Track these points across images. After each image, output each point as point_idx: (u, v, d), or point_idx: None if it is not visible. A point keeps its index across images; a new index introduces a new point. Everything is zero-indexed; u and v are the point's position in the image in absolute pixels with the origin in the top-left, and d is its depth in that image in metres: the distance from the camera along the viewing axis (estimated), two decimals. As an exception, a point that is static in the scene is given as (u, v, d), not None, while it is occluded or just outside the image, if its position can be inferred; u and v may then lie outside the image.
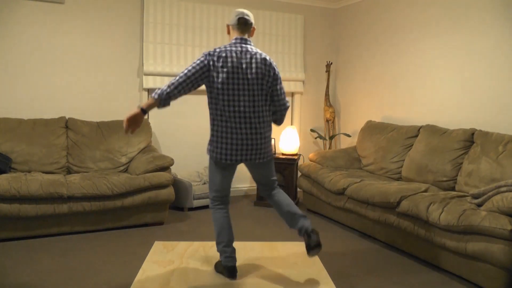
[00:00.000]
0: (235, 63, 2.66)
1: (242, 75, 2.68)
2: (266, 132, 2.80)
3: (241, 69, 2.67)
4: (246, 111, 2.70)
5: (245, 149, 2.74)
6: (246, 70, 2.68)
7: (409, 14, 4.63)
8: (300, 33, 5.55)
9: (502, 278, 2.69)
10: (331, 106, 5.61)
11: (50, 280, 2.86)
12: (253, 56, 2.71)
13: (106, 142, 4.35)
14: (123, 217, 3.90)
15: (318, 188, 4.39)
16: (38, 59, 4.37)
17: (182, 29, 4.90)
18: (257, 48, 2.79)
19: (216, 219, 2.91)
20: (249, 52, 2.71)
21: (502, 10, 3.66)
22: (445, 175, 3.71)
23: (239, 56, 2.68)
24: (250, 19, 2.77)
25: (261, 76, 2.71)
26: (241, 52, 2.70)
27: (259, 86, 2.72)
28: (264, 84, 2.73)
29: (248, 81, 2.69)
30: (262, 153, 2.80)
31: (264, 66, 2.72)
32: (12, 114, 4.26)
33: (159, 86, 4.79)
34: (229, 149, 2.72)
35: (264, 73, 2.72)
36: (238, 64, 2.67)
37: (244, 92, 2.69)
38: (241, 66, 2.67)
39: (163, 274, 2.98)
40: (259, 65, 2.70)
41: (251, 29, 2.81)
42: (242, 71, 2.67)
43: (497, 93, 3.71)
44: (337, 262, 3.27)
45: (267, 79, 2.73)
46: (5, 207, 3.42)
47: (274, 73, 2.76)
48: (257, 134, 2.75)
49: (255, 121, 2.73)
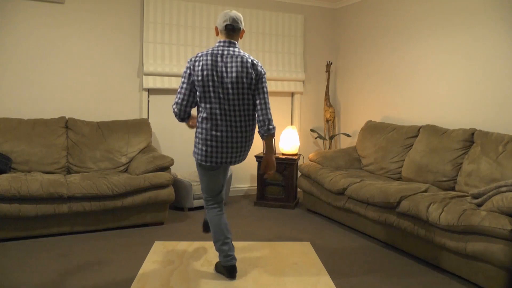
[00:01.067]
0: (213, 66, 2.65)
1: (219, 78, 2.66)
2: (246, 135, 2.77)
3: (219, 72, 2.66)
4: (222, 113, 2.69)
5: (225, 151, 2.75)
6: (223, 74, 2.66)
7: (409, 14, 4.63)
8: (300, 33, 5.55)
9: (502, 278, 2.69)
10: (331, 106, 5.61)
11: (50, 280, 2.86)
12: (234, 60, 2.67)
13: (106, 142, 4.35)
14: (123, 217, 3.90)
15: (318, 188, 4.39)
16: (38, 59, 4.37)
17: (182, 29, 4.91)
18: (243, 52, 2.76)
19: (210, 219, 2.93)
20: (231, 55, 2.68)
21: (502, 10, 3.66)
22: (445, 175, 3.71)
23: (219, 59, 2.67)
24: (238, 25, 2.72)
25: (241, 80, 2.67)
26: (221, 56, 2.68)
27: (238, 90, 2.68)
28: (244, 88, 2.68)
29: (225, 84, 2.67)
30: (240, 155, 2.82)
31: (246, 69, 2.67)
32: (12, 114, 4.26)
33: (159, 86, 4.79)
34: (208, 152, 2.73)
35: (244, 76, 2.67)
36: (216, 67, 2.66)
37: (222, 96, 2.67)
38: (219, 70, 2.66)
39: (163, 274, 2.98)
40: (239, 69, 2.66)
41: (240, 33, 2.78)
42: (219, 74, 2.66)
43: (497, 93, 3.71)
44: (337, 262, 3.27)
45: (249, 81, 2.68)
46: (5, 207, 3.42)
47: (257, 77, 2.70)
48: (236, 138, 2.74)
49: (233, 124, 2.72)
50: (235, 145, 2.75)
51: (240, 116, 2.73)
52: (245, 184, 5.44)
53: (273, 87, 5.38)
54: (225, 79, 2.66)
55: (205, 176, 2.87)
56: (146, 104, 4.86)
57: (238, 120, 2.73)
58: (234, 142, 2.75)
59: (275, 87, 5.40)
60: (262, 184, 4.88)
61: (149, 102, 4.89)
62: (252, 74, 2.69)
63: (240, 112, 2.72)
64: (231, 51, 2.70)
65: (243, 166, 5.29)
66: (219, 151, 2.74)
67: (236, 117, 2.72)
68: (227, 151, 2.75)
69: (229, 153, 2.76)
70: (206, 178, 2.88)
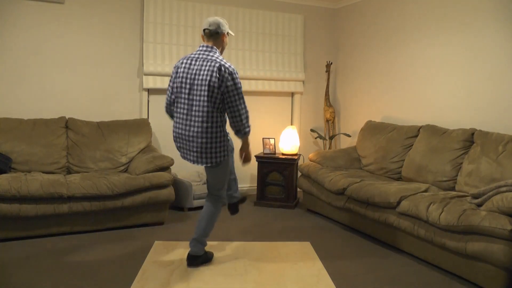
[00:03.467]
0: (187, 69, 2.87)
1: (190, 80, 2.84)
2: (206, 137, 2.84)
3: (191, 75, 2.85)
4: (189, 114, 2.86)
5: (188, 150, 2.92)
6: (193, 77, 2.83)
7: (409, 14, 4.63)
8: (300, 33, 5.55)
9: (502, 278, 2.69)
10: (331, 106, 5.61)
11: (50, 280, 2.86)
12: (204, 63, 2.82)
13: (106, 142, 4.35)
14: (123, 217, 3.90)
15: (318, 188, 4.39)
16: (38, 59, 4.37)
17: (182, 29, 4.91)
18: (218, 56, 2.85)
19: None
20: (203, 59, 2.84)
21: (502, 10, 3.66)
22: (445, 175, 3.71)
23: (193, 63, 2.86)
24: (214, 29, 2.89)
25: (208, 83, 2.77)
26: (196, 60, 2.86)
27: (204, 93, 2.79)
28: (211, 91, 2.78)
29: (194, 86, 2.83)
30: (202, 157, 2.89)
31: (212, 73, 2.77)
32: (12, 114, 4.26)
33: (159, 86, 4.79)
34: (180, 149, 3.00)
35: (210, 80, 2.77)
36: (189, 70, 2.86)
37: (189, 97, 2.85)
38: (190, 72, 2.85)
39: (163, 274, 2.98)
40: (208, 72, 2.77)
41: (220, 37, 2.94)
42: (190, 77, 2.84)
43: (497, 93, 3.71)
44: (337, 262, 3.27)
45: (217, 86, 2.77)
46: (5, 207, 3.42)
47: (223, 83, 2.77)
48: (197, 138, 2.84)
49: (195, 125, 2.83)
50: (194, 145, 2.87)
51: (203, 117, 2.81)
52: (245, 184, 5.44)
53: (273, 87, 5.38)
54: (195, 81, 2.83)
55: None
56: (146, 104, 4.86)
57: (200, 121, 2.82)
58: (194, 142, 2.86)
59: (275, 87, 5.40)
60: (262, 184, 4.88)
61: (149, 102, 4.89)
62: (217, 79, 2.77)
63: (203, 114, 2.81)
64: (205, 55, 2.86)
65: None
66: (182, 147, 2.97)
67: (198, 119, 2.82)
68: (188, 150, 2.92)
69: (190, 151, 2.92)
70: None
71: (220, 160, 2.93)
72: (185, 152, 2.98)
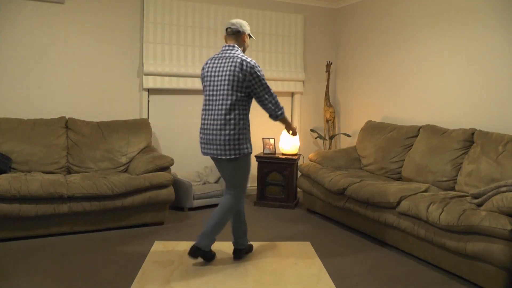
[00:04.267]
0: (210, 67, 3.04)
1: (213, 77, 3.01)
2: (230, 129, 2.94)
3: (214, 72, 3.01)
4: (213, 108, 3.00)
5: (212, 144, 3.00)
6: (217, 73, 3.00)
7: (409, 14, 4.63)
8: (300, 33, 5.55)
9: (502, 278, 2.69)
10: (331, 106, 5.61)
11: (50, 280, 2.86)
12: (227, 61, 2.99)
13: (106, 142, 4.35)
14: (123, 217, 3.90)
15: (318, 188, 4.39)
16: (38, 59, 4.37)
17: (182, 29, 4.91)
18: (240, 54, 3.02)
19: None
20: (225, 57, 3.01)
21: (502, 11, 3.66)
22: (445, 175, 3.71)
23: (217, 62, 3.03)
24: (236, 28, 3.07)
25: (230, 78, 2.93)
26: (219, 59, 3.03)
27: (228, 86, 2.94)
28: (234, 85, 2.93)
29: (217, 82, 2.98)
30: (224, 149, 2.96)
31: (239, 69, 2.92)
32: (12, 114, 4.26)
33: (159, 86, 4.80)
34: (203, 145, 3.08)
35: (234, 75, 2.93)
36: (213, 68, 3.02)
37: (214, 92, 3.00)
38: (215, 69, 3.01)
39: (163, 274, 2.98)
40: (231, 68, 2.94)
41: (242, 36, 3.11)
42: (214, 74, 3.01)
43: (497, 93, 3.71)
44: (337, 262, 3.27)
45: (241, 80, 2.93)
46: (5, 207, 3.42)
47: (250, 77, 2.94)
48: (220, 131, 2.94)
49: (220, 118, 2.95)
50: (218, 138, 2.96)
51: (225, 110, 2.94)
52: (245, 184, 5.44)
53: (273, 87, 5.38)
54: (218, 77, 2.99)
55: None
56: (146, 104, 4.86)
57: (223, 114, 2.94)
58: (218, 134, 2.96)
59: (275, 87, 5.40)
60: (262, 184, 4.88)
61: (149, 102, 4.89)
62: (240, 74, 2.93)
63: (225, 107, 2.94)
64: (227, 53, 3.04)
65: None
66: (206, 142, 3.05)
67: (221, 111, 2.95)
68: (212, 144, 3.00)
69: (214, 145, 2.99)
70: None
71: (243, 152, 2.99)
72: (208, 147, 3.03)
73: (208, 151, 3.05)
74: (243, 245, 3.28)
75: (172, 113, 5.02)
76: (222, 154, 2.98)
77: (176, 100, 5.03)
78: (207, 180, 4.91)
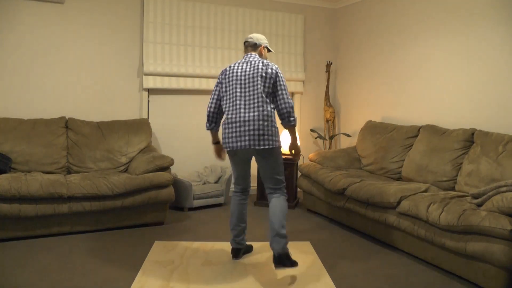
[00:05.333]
0: (235, 70, 3.10)
1: (242, 76, 3.06)
2: (264, 120, 2.97)
3: (241, 72, 3.07)
4: (246, 103, 3.00)
5: (244, 135, 2.96)
6: (245, 72, 3.06)
7: (409, 14, 4.63)
8: (300, 33, 5.55)
9: (502, 278, 2.69)
10: (331, 106, 5.61)
11: (50, 280, 2.86)
12: (254, 64, 3.07)
13: (106, 142, 4.35)
14: (123, 217, 3.90)
15: (318, 188, 4.39)
16: (38, 59, 4.37)
17: (182, 29, 4.91)
18: (262, 58, 3.15)
19: (231, 205, 3.29)
20: (251, 61, 3.10)
21: (502, 11, 3.66)
22: (445, 175, 3.71)
23: (241, 65, 3.11)
24: (252, 41, 3.20)
25: (260, 75, 3.00)
26: (243, 63, 3.12)
27: (259, 83, 3.00)
28: (263, 82, 3.00)
29: (247, 80, 3.03)
30: (259, 139, 2.95)
31: (266, 70, 3.02)
32: (12, 114, 4.26)
33: (159, 86, 4.80)
34: (227, 138, 3.04)
35: (262, 74, 3.00)
36: (238, 70, 3.09)
37: (245, 89, 3.03)
38: (241, 71, 3.07)
39: (163, 274, 2.98)
40: (259, 68, 3.03)
41: (259, 49, 3.22)
42: (242, 73, 3.07)
43: (497, 93, 3.71)
44: (337, 262, 3.27)
45: (268, 77, 3.01)
46: (5, 207, 3.42)
47: (275, 78, 3.03)
48: (253, 121, 2.95)
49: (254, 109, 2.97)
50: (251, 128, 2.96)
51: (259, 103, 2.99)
52: (245, 184, 5.43)
53: (273, 87, 5.38)
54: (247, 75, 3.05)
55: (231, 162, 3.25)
56: (146, 104, 4.86)
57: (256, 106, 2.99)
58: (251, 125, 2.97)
59: (275, 87, 5.39)
60: (262, 184, 4.88)
61: (149, 102, 4.89)
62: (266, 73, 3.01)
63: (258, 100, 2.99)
64: (251, 59, 3.14)
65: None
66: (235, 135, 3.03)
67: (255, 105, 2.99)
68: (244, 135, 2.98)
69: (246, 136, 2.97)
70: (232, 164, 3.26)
71: (277, 144, 3.03)
72: (238, 139, 2.97)
73: (239, 142, 2.97)
74: (242, 245, 3.29)
75: (172, 113, 5.02)
76: (256, 145, 2.94)
77: (176, 100, 5.03)
78: (207, 180, 4.91)
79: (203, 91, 5.11)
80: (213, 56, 5.08)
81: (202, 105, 5.11)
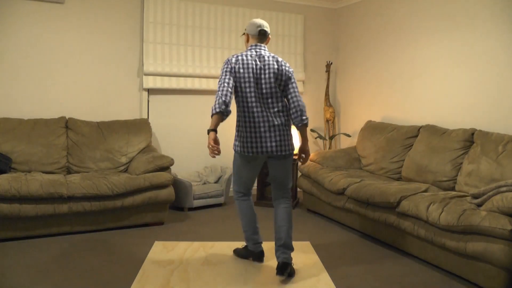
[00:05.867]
0: (246, 64, 2.91)
1: (256, 74, 2.91)
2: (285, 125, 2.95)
3: (255, 70, 2.91)
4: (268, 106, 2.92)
5: (267, 141, 2.91)
6: (261, 70, 2.92)
7: (409, 14, 4.63)
8: (300, 33, 5.55)
9: (502, 278, 2.69)
10: (331, 106, 5.61)
11: (50, 280, 2.86)
12: (264, 59, 2.94)
13: (106, 142, 4.35)
14: (123, 217, 3.90)
15: (318, 188, 4.39)
16: (38, 59, 4.37)
17: (182, 29, 4.91)
18: (270, 52, 3.03)
19: (240, 210, 3.20)
20: (263, 56, 2.96)
21: (503, 10, 3.66)
22: (445, 175, 3.71)
23: (251, 60, 2.93)
24: (267, 30, 3.04)
25: (274, 76, 2.92)
26: (251, 57, 2.94)
27: (274, 83, 2.93)
28: (279, 82, 2.94)
29: (262, 80, 2.91)
30: (282, 145, 2.94)
31: (279, 66, 2.94)
32: (12, 114, 4.26)
33: (159, 86, 4.79)
34: (248, 142, 2.92)
35: (276, 72, 2.92)
36: (253, 65, 2.92)
37: (262, 90, 2.91)
38: (253, 69, 2.91)
39: (163, 274, 2.98)
40: (274, 66, 2.93)
41: (267, 39, 3.07)
42: (256, 71, 2.91)
43: (497, 93, 3.71)
44: (337, 262, 3.27)
45: (280, 77, 2.94)
46: (5, 207, 3.42)
47: (286, 72, 2.96)
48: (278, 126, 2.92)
49: (279, 115, 2.93)
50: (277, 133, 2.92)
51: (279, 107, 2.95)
52: (245, 184, 5.43)
53: (273, 87, 5.38)
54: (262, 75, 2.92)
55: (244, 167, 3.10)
56: (146, 104, 4.86)
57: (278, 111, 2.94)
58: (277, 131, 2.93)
59: (275, 87, 5.40)
60: (262, 184, 4.88)
61: (149, 102, 4.89)
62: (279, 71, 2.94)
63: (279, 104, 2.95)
64: (262, 53, 2.97)
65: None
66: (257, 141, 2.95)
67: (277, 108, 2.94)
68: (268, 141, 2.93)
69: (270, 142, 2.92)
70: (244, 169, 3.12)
71: (293, 149, 3.03)
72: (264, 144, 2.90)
73: (262, 148, 2.90)
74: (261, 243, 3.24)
75: (172, 113, 5.02)
76: (279, 150, 2.92)
77: (176, 100, 5.03)
78: (207, 180, 4.91)
79: (203, 91, 5.11)
80: (213, 56, 5.08)
81: (202, 105, 5.11)
